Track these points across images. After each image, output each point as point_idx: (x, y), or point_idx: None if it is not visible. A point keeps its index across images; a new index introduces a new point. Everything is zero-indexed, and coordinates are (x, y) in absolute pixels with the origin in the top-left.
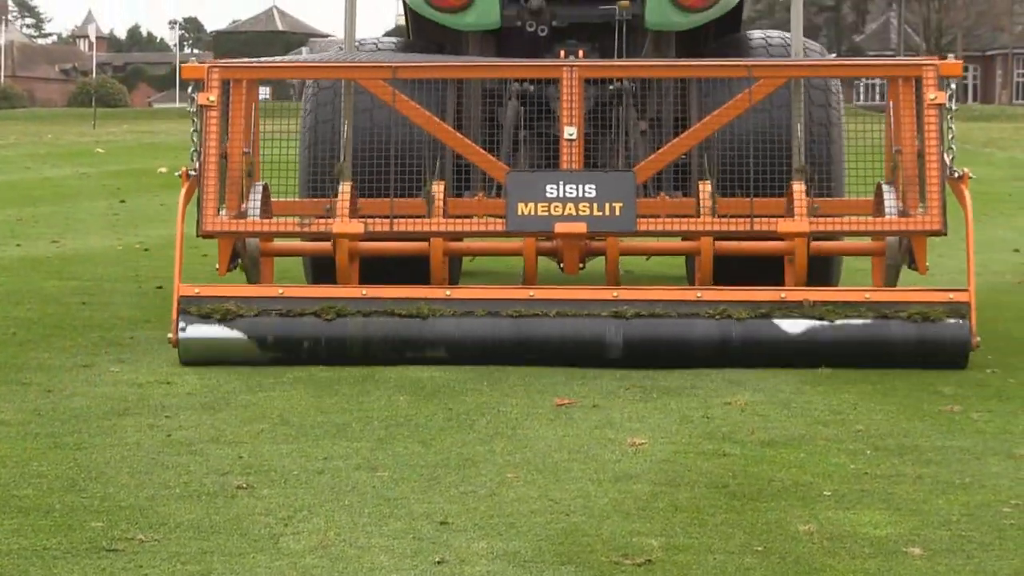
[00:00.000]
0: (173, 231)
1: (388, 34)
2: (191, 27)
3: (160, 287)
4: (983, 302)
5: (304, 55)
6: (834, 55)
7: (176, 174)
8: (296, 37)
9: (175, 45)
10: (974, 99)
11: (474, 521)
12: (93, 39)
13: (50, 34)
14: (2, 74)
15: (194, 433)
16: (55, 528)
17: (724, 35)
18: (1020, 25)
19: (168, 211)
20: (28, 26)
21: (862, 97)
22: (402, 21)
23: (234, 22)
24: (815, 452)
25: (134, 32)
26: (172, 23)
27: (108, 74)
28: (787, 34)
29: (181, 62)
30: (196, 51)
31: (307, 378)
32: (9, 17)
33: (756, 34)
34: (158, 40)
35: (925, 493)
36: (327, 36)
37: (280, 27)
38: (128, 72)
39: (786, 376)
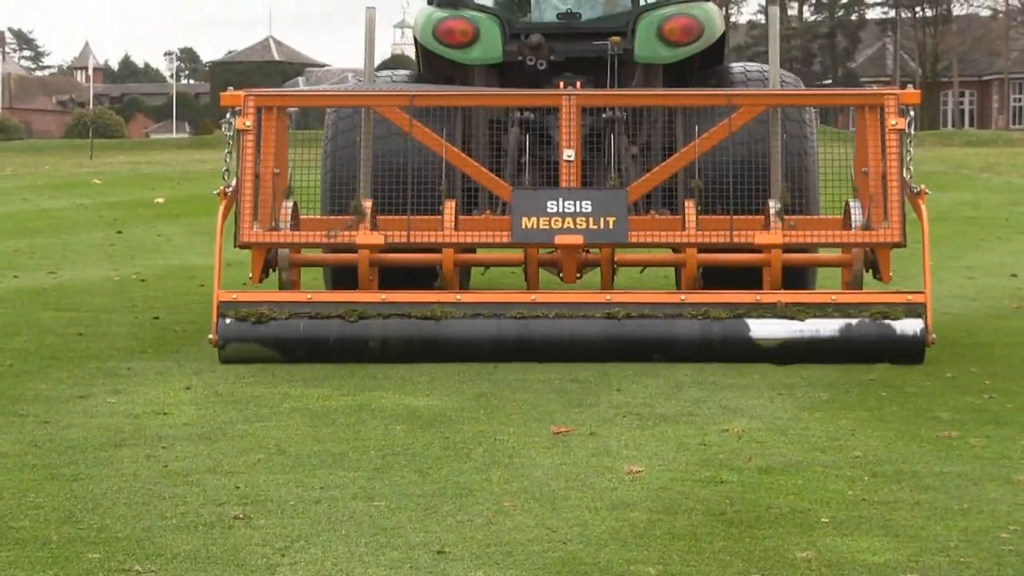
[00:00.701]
0: (170, 262)
1: (384, 64)
2: (187, 57)
3: (157, 318)
4: (980, 327)
5: (300, 85)
6: (830, 81)
7: (214, 192)
8: (292, 67)
9: (172, 76)
10: (970, 124)
11: (471, 550)
12: (91, 71)
13: (48, 66)
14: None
15: (191, 464)
16: (52, 560)
17: (708, 67)
18: (1016, 50)
19: (165, 242)
20: (26, 58)
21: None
22: (396, 51)
23: (230, 52)
24: (813, 478)
25: (127, 62)
26: (168, 54)
27: (105, 105)
28: (766, 66)
29: (178, 92)
30: (192, 81)
31: (303, 408)
32: (7, 49)
33: (736, 66)
34: (154, 71)
35: (923, 519)
36: (324, 66)
37: (277, 57)
38: (125, 103)
39: (783, 403)
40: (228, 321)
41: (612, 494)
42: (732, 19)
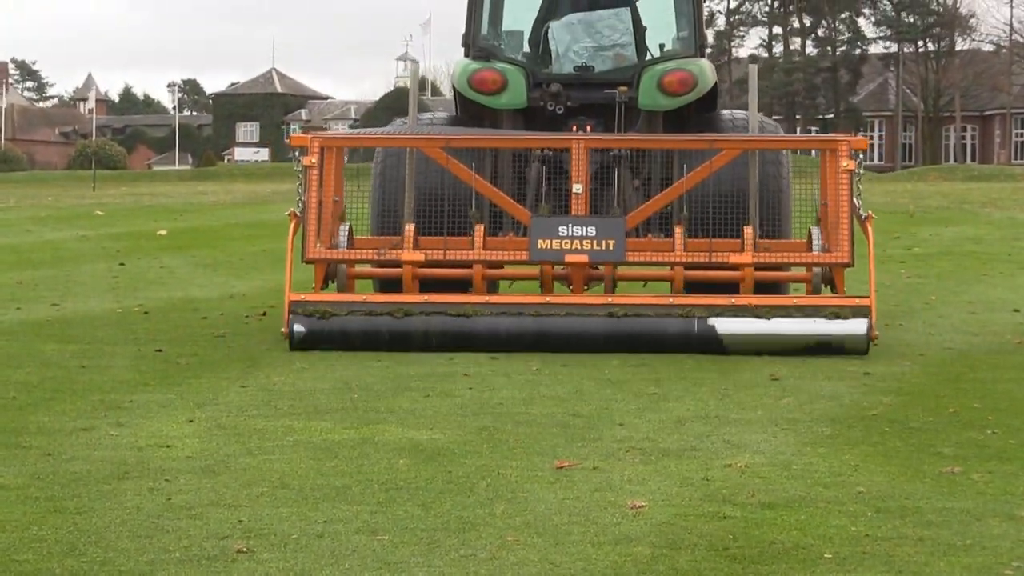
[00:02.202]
0: (173, 294)
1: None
2: (189, 89)
3: (160, 350)
4: (982, 363)
5: (303, 117)
6: (832, 115)
7: (285, 214)
8: (295, 99)
9: (174, 107)
10: (972, 159)
11: None
12: (93, 102)
13: (51, 97)
14: (2, 137)
15: (194, 497)
16: None
17: (702, 113)
18: (1018, 85)
19: (168, 274)
20: (29, 89)
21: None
22: (400, 83)
23: (233, 84)
24: (816, 514)
25: (129, 94)
26: (171, 86)
27: (108, 136)
28: (758, 114)
29: (180, 123)
30: (194, 113)
31: (306, 441)
32: (10, 80)
33: (726, 113)
34: (157, 102)
35: (926, 555)
36: (326, 98)
37: (279, 89)
38: (128, 134)
39: (786, 437)
40: (297, 317)
41: (615, 529)
42: (733, 52)
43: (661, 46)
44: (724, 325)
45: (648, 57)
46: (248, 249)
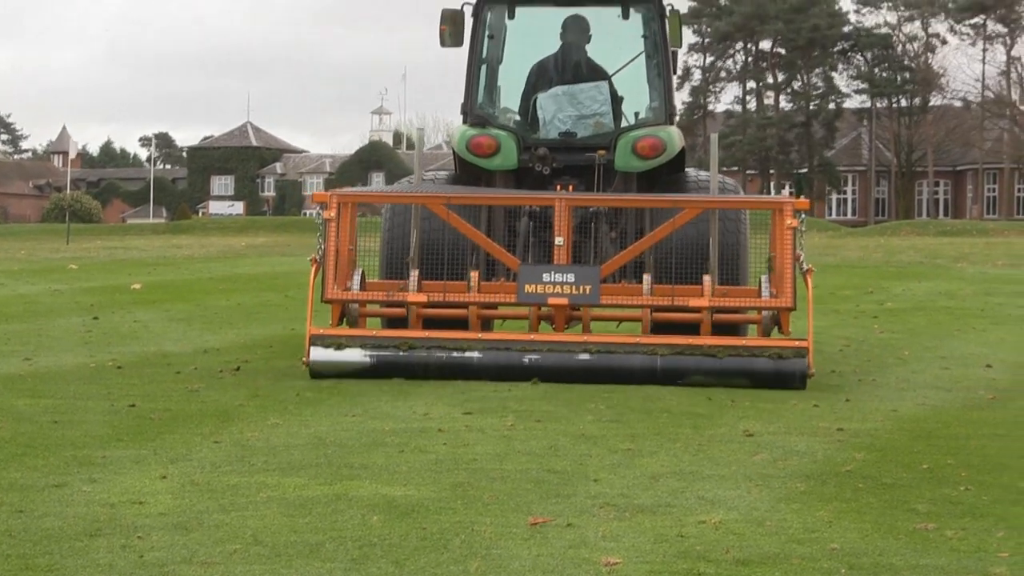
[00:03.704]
0: (147, 348)
1: (361, 149)
2: (162, 142)
3: (133, 405)
4: (956, 419)
5: (278, 170)
6: (805, 170)
7: (308, 259)
8: (270, 152)
9: (148, 160)
10: (945, 214)
11: None
12: (69, 155)
13: (25, 150)
14: None
15: (167, 554)
16: None
17: (671, 174)
18: (990, 141)
19: (142, 328)
20: (3, 142)
21: (833, 212)
22: (375, 137)
23: (206, 138)
24: (790, 571)
25: (105, 147)
26: (145, 140)
27: (82, 190)
28: (719, 175)
29: (155, 176)
30: (168, 167)
31: (279, 497)
32: None
33: (691, 173)
34: (132, 155)
35: None
36: (301, 152)
37: (254, 142)
38: (102, 188)
39: (760, 493)
40: (316, 348)
41: None
42: (710, 107)
43: (636, 114)
44: (683, 362)
45: (624, 124)
46: (222, 303)
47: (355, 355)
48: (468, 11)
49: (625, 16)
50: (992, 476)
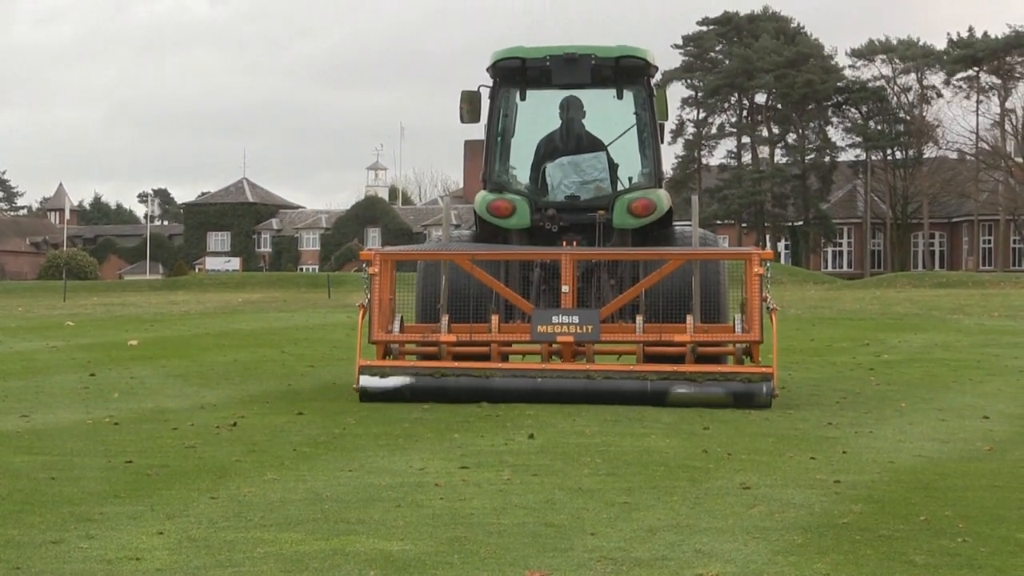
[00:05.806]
0: (143, 404)
1: (357, 204)
2: (159, 198)
3: (130, 462)
4: (953, 470)
5: (274, 226)
6: (801, 223)
7: (357, 305)
8: (267, 208)
9: (145, 217)
10: (941, 265)
11: None
12: (65, 212)
13: (21, 207)
14: None
15: None
16: None
17: (660, 229)
18: (985, 192)
19: (139, 384)
20: None
21: (829, 265)
22: (370, 192)
23: (203, 194)
24: None
25: (101, 204)
26: (143, 196)
27: (79, 246)
28: (700, 229)
29: (152, 232)
30: (165, 223)
31: (276, 553)
32: None
33: (678, 228)
34: (128, 212)
35: None
36: (297, 208)
37: (250, 198)
38: (99, 244)
39: (757, 546)
40: (364, 375)
41: None
42: (704, 161)
43: (630, 179)
44: (668, 386)
45: (620, 188)
46: (219, 359)
47: (396, 381)
48: (485, 93)
49: (619, 96)
50: (990, 527)
